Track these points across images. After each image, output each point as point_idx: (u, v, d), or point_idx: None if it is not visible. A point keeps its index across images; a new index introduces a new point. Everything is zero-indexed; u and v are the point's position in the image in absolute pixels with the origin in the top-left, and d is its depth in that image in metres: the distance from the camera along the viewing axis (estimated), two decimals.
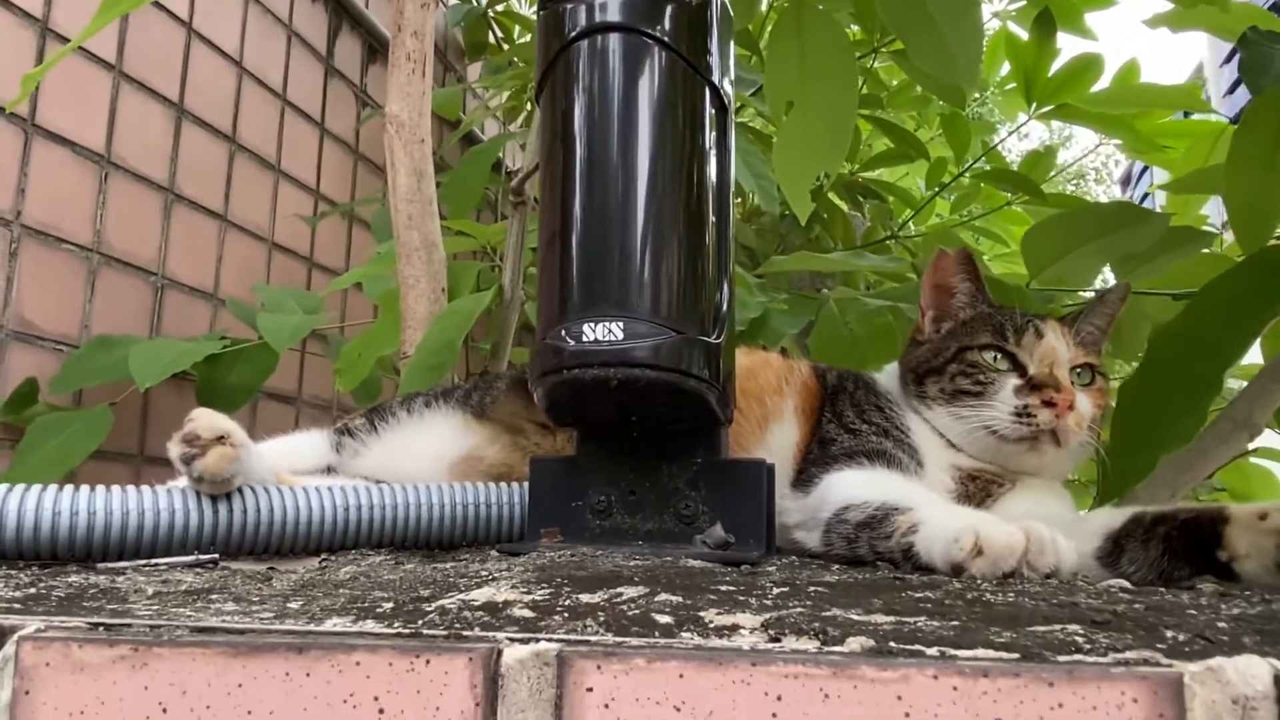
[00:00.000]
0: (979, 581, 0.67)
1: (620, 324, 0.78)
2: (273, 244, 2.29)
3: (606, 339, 0.78)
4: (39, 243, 1.70)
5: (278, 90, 2.31)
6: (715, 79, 0.86)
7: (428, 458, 1.07)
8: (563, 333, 0.79)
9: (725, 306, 0.86)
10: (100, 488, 0.78)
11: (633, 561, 0.75)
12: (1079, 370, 1.03)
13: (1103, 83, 2.40)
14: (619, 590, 0.57)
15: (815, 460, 0.99)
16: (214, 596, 0.59)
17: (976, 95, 3.13)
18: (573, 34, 0.85)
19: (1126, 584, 0.70)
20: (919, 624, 0.46)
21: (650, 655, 0.42)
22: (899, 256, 2.53)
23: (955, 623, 0.46)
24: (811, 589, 0.60)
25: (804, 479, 0.97)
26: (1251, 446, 2.19)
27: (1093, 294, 1.87)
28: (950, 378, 1.04)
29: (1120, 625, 0.46)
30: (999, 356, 1.02)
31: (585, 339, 0.78)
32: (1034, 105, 2.53)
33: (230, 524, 0.80)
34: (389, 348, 1.64)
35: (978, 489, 0.99)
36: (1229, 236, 1.74)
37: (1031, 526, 0.70)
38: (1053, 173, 3.25)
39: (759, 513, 0.85)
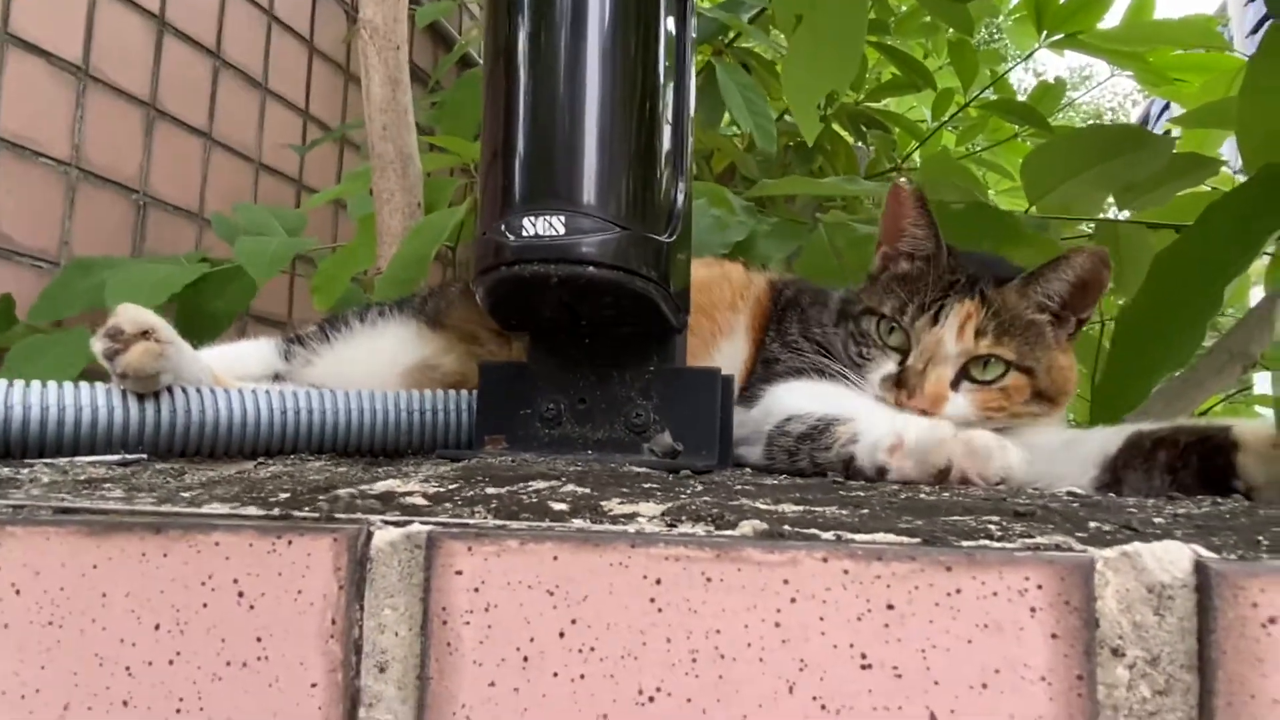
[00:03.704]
0: (923, 486, 0.64)
1: (562, 218, 0.73)
2: (260, 164, 2.24)
3: (548, 233, 0.73)
4: (14, 155, 1.66)
5: (264, 5, 2.25)
6: None
7: (379, 366, 1.04)
8: (502, 227, 0.75)
9: (680, 205, 0.81)
10: (19, 381, 0.75)
11: (574, 467, 0.72)
12: (985, 361, 0.91)
13: (1117, 12, 2.32)
14: (529, 484, 0.53)
15: (761, 377, 0.96)
16: (107, 485, 0.56)
17: (987, 24, 3.03)
18: None
19: (1080, 490, 0.66)
20: (826, 512, 0.43)
21: (524, 537, 0.39)
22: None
23: (865, 511, 0.43)
24: (740, 487, 0.57)
25: (749, 394, 0.94)
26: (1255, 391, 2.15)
27: (1094, 224, 1.82)
28: (848, 334, 0.97)
29: (1045, 518, 0.42)
30: (894, 330, 0.95)
31: (525, 233, 0.74)
32: (1044, 34, 2.45)
33: (159, 423, 0.77)
34: (364, 265, 1.60)
35: None
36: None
37: (974, 434, 0.66)
38: (1068, 109, 3.16)
39: (711, 422, 0.82)
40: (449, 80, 2.82)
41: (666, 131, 0.81)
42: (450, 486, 0.54)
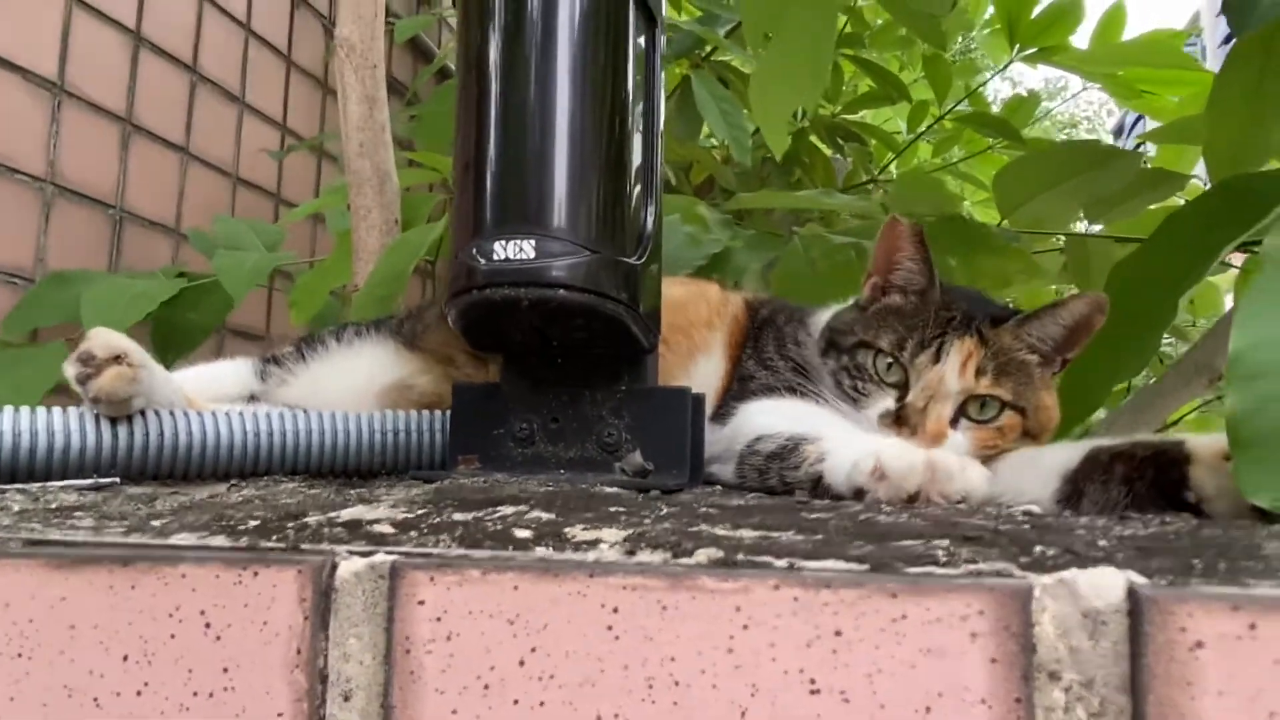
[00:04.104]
0: (883, 506, 0.65)
1: (533, 242, 0.75)
2: (237, 179, 2.24)
3: (518, 257, 0.74)
4: None
5: (241, 20, 2.25)
6: None
7: (355, 386, 1.04)
8: (474, 250, 0.76)
9: (650, 228, 0.83)
10: None
11: (544, 487, 0.73)
12: (982, 401, 0.92)
13: (1091, 23, 2.37)
14: (497, 509, 0.54)
15: (735, 395, 0.96)
16: (78, 514, 0.56)
17: (962, 37, 3.07)
18: None
19: (1035, 509, 0.68)
20: (782, 538, 0.44)
21: (486, 567, 0.40)
22: (868, 197, 2.49)
23: (819, 537, 0.44)
24: (704, 510, 0.58)
25: (722, 412, 0.95)
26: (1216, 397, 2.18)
27: (1064, 237, 1.85)
28: (841, 367, 0.96)
29: (993, 541, 0.43)
30: (892, 365, 0.94)
31: (496, 257, 0.75)
32: (1017, 47, 2.50)
33: (131, 447, 0.77)
34: (341, 280, 1.61)
35: None
36: None
37: (938, 454, 0.68)
38: (1043, 120, 3.20)
39: (682, 441, 0.83)
40: (427, 92, 2.83)
41: (636, 154, 0.82)
42: (419, 512, 0.55)
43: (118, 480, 0.77)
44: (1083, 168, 1.54)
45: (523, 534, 0.46)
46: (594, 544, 0.44)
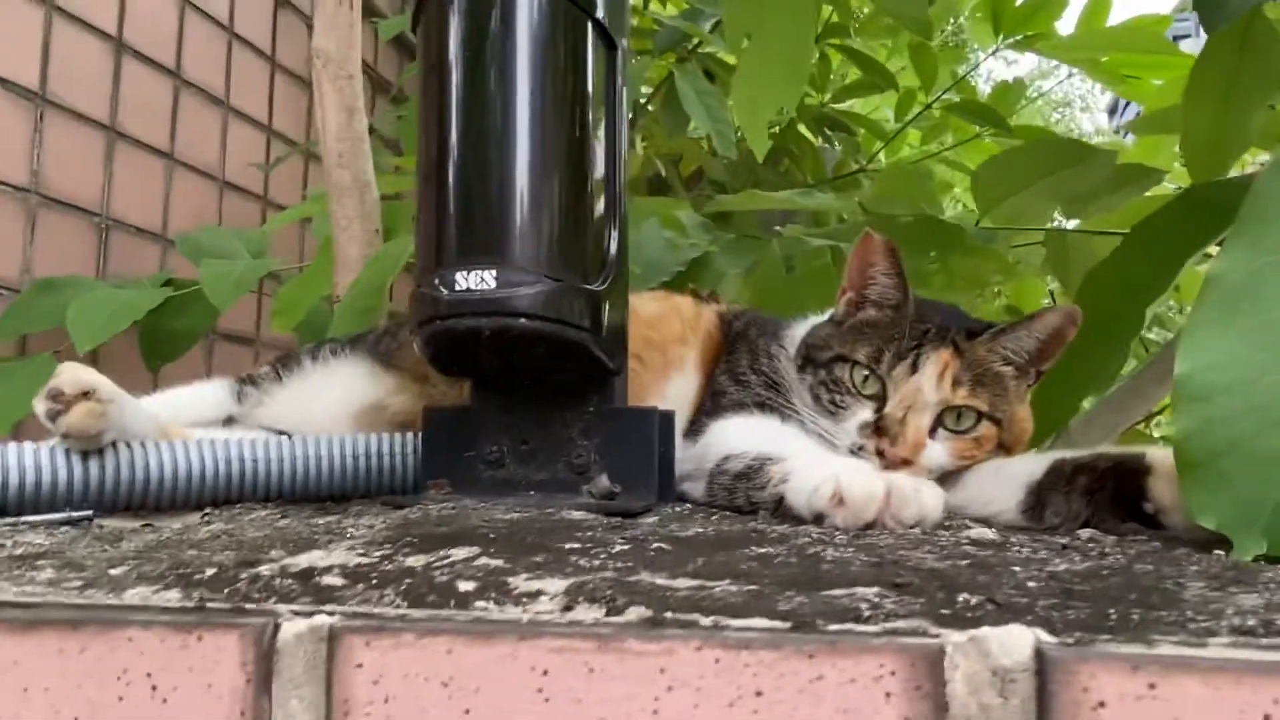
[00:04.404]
0: (838, 532, 0.66)
1: (493, 272, 0.76)
2: (224, 183, 2.25)
3: (479, 287, 0.76)
4: None
5: (223, 22, 2.25)
6: (600, 15, 0.83)
7: (331, 407, 1.05)
8: (436, 281, 0.77)
9: (613, 253, 0.84)
10: None
11: (510, 515, 0.74)
12: (959, 411, 0.92)
13: (1075, 9, 2.36)
14: (449, 552, 0.55)
15: (707, 411, 0.97)
16: (40, 563, 0.57)
17: (952, 20, 3.05)
18: None
19: (989, 533, 0.69)
20: (716, 589, 0.45)
21: (421, 630, 0.41)
22: (847, 194, 2.48)
23: (753, 587, 0.45)
24: (655, 546, 0.59)
25: (694, 429, 0.95)
26: None
27: (1044, 232, 1.85)
28: (819, 381, 0.96)
29: (921, 588, 0.45)
30: (869, 377, 0.94)
31: (458, 287, 0.76)
32: (1001, 35, 2.50)
33: (103, 480, 0.79)
34: (323, 290, 1.61)
35: None
36: None
37: (894, 478, 0.69)
38: (1036, 100, 3.19)
39: (649, 461, 0.84)
40: (413, 88, 2.83)
41: (598, 182, 0.83)
42: (375, 555, 0.56)
43: (91, 515, 0.78)
44: (1059, 165, 1.55)
45: (466, 586, 0.47)
46: (535, 596, 0.46)
